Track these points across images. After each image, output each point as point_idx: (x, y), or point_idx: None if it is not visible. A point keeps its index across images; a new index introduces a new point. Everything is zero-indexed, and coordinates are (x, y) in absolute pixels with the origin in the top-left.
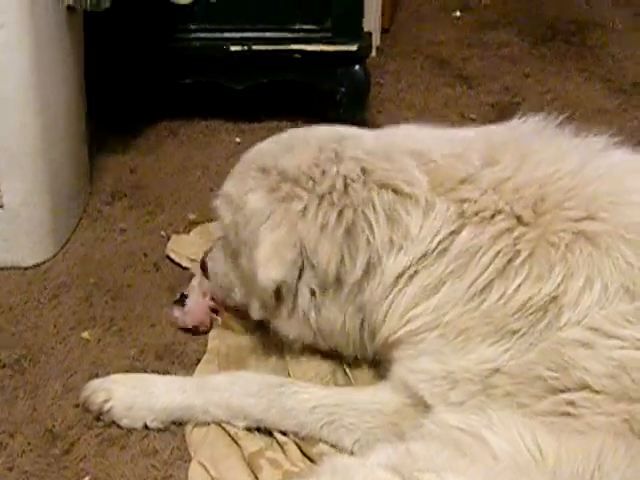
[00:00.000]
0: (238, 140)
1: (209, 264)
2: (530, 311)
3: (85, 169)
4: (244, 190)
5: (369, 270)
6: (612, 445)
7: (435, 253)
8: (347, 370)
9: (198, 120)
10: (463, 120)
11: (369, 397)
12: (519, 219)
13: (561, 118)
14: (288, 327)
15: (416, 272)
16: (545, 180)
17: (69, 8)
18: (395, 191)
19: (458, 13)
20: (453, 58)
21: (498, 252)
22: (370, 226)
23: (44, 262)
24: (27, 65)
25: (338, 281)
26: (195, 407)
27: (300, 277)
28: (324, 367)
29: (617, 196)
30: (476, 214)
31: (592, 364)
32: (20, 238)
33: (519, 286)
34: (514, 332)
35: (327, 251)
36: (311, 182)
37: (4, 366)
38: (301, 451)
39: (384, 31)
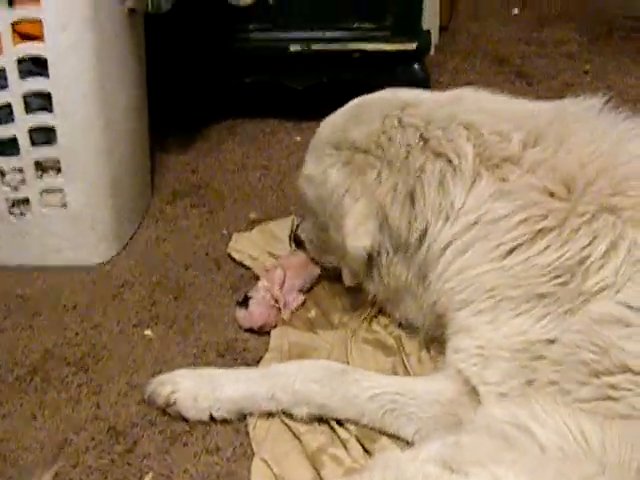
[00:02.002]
0: (298, 139)
1: (302, 235)
2: (556, 273)
3: (147, 169)
4: (323, 168)
5: (424, 233)
6: None
7: (472, 224)
8: (407, 365)
9: (258, 119)
10: None
11: (427, 386)
12: (552, 194)
13: (604, 99)
14: (368, 284)
15: (454, 240)
16: (580, 161)
17: (130, 10)
18: (447, 160)
19: (516, 10)
20: (512, 55)
21: (527, 219)
22: (424, 192)
23: (107, 261)
24: (90, 67)
25: (405, 242)
26: (259, 394)
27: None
28: (385, 362)
29: None
30: (514, 189)
31: (630, 345)
32: (84, 237)
33: (546, 249)
34: (541, 296)
35: (398, 215)
36: (380, 150)
37: (69, 364)
38: (363, 447)
39: (443, 29)
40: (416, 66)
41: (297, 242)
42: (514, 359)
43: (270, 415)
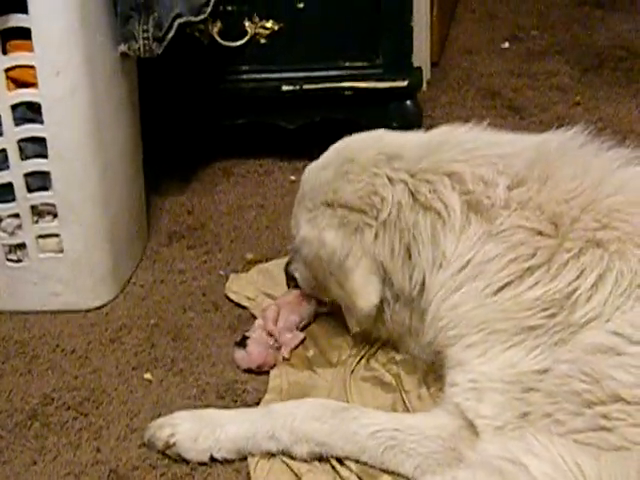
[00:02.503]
0: (293, 178)
1: (296, 274)
2: (544, 306)
3: (143, 212)
4: (318, 230)
5: (422, 283)
6: None
7: (463, 266)
8: (407, 402)
9: (252, 160)
10: None
11: (427, 422)
12: (539, 233)
13: (587, 130)
14: (371, 328)
15: (447, 281)
16: (565, 197)
17: (123, 54)
18: (437, 213)
19: (506, 44)
20: (503, 89)
21: (516, 258)
22: (419, 247)
23: (105, 304)
24: (84, 112)
25: (406, 293)
26: (260, 434)
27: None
28: (385, 399)
29: (631, 207)
30: (502, 231)
31: (620, 374)
32: (81, 282)
33: (535, 285)
34: (531, 328)
35: (398, 270)
36: (375, 210)
37: (68, 408)
38: None
39: (434, 65)
40: (408, 102)
41: (289, 277)
42: (507, 391)
43: (271, 455)
